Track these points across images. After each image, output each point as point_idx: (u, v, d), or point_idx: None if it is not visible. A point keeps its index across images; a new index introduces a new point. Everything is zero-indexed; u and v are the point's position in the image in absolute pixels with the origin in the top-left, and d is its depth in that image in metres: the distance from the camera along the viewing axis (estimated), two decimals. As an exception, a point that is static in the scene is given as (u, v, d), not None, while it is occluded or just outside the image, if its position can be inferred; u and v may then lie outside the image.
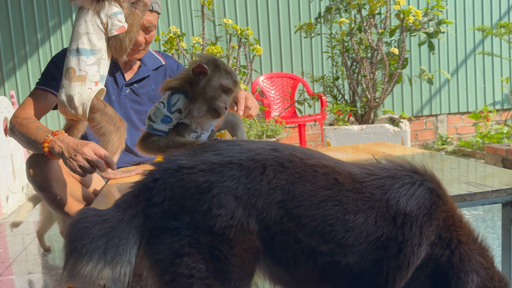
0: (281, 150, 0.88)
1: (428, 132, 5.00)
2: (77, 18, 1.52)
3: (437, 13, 2.93)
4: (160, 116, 1.24)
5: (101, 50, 1.52)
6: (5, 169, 2.95)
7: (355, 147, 2.05)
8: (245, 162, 0.84)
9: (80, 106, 1.49)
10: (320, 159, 0.90)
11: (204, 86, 1.19)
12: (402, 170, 0.94)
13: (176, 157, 0.86)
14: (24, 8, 4.08)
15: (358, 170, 0.92)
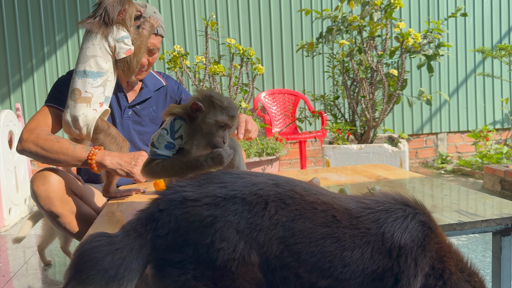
0: (282, 185, 0.92)
1: (429, 150, 5.03)
2: (85, 41, 1.57)
3: (436, 36, 2.99)
4: (163, 142, 1.27)
5: (107, 72, 1.57)
6: (9, 181, 3.00)
7: (353, 168, 2.09)
8: (248, 197, 0.87)
9: (84, 126, 1.54)
10: (319, 195, 0.94)
11: (201, 122, 1.22)
12: (395, 203, 0.97)
13: (182, 187, 0.89)
14: (32, 22, 4.17)
15: (354, 204, 0.95)
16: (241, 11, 4.52)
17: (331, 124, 3.25)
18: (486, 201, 1.39)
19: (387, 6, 2.94)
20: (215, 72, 2.85)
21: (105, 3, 1.56)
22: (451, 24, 4.88)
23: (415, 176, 1.83)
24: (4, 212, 2.90)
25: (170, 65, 2.95)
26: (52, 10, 4.18)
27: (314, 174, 1.97)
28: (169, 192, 0.90)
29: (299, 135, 4.19)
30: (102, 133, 1.58)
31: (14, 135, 3.18)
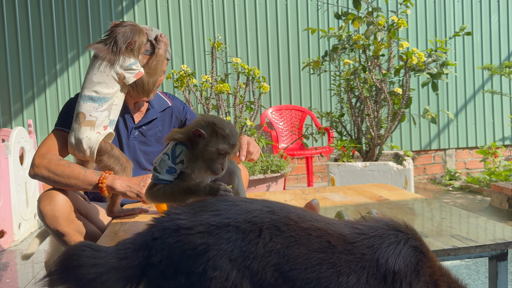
0: (277, 212, 0.93)
1: (437, 166, 5.01)
2: (92, 66, 1.62)
3: (440, 55, 3.01)
4: (165, 167, 1.30)
5: (113, 97, 1.62)
6: (19, 197, 3.06)
7: (355, 188, 2.10)
8: (242, 225, 0.88)
9: (88, 149, 1.59)
10: (313, 221, 0.95)
11: (202, 149, 1.25)
12: (388, 229, 0.98)
13: (177, 215, 0.91)
14: (45, 39, 4.28)
15: (348, 230, 0.97)
16: (249, 30, 4.59)
17: (336, 141, 3.28)
18: (486, 225, 1.40)
19: (391, 26, 2.97)
20: (221, 91, 2.90)
21: (116, 32, 1.61)
22: (459, 40, 4.90)
23: (416, 198, 1.84)
24: (14, 227, 2.96)
25: (177, 84, 3.01)
26: (65, 28, 4.30)
27: (315, 194, 1.99)
28: (164, 220, 0.92)
29: (306, 151, 4.21)
30: (106, 155, 1.62)
31: (25, 151, 3.26)
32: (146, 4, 4.41)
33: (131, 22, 1.68)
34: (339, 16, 3.14)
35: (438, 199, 3.90)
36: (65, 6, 4.29)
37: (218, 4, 4.53)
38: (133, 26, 1.65)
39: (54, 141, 1.70)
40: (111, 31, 1.63)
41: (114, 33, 1.61)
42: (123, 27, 1.62)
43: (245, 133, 3.10)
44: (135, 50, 1.65)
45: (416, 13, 4.83)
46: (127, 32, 1.62)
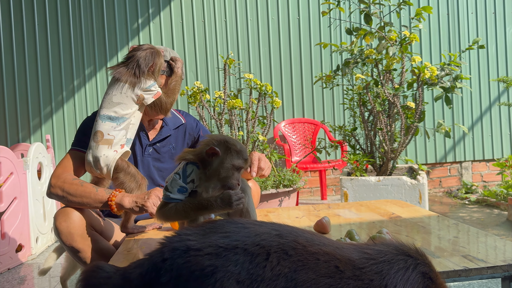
0: (285, 236, 0.93)
1: (453, 179, 4.95)
2: (112, 87, 1.67)
3: (453, 69, 2.99)
4: (176, 186, 1.33)
5: (130, 117, 1.66)
6: (37, 211, 3.13)
7: (367, 204, 2.10)
8: (250, 248, 0.89)
9: (105, 166, 1.63)
10: (322, 245, 0.95)
11: (218, 167, 1.28)
12: (397, 254, 0.97)
13: (187, 236, 0.92)
14: (63, 56, 4.40)
15: (357, 255, 0.96)
16: (262, 45, 4.64)
17: (349, 155, 3.27)
18: (497, 244, 1.38)
19: (402, 40, 2.98)
20: (234, 106, 2.94)
21: (137, 56, 1.66)
22: (473, 53, 4.86)
23: (428, 215, 1.82)
24: (31, 241, 3.02)
25: (191, 100, 3.06)
26: (82, 45, 4.41)
27: (327, 210, 1.99)
28: (175, 240, 0.93)
29: (319, 165, 4.21)
30: (122, 172, 1.66)
31: (43, 166, 3.34)
32: (161, 22, 4.50)
33: (149, 45, 1.74)
34: (350, 32, 3.16)
35: (454, 213, 3.84)
36: (83, 24, 4.40)
37: (231, 20, 4.60)
38: (152, 49, 1.70)
39: (70, 161, 1.75)
40: (132, 55, 1.69)
41: (135, 57, 1.66)
42: (143, 51, 1.68)
43: (257, 148, 3.12)
44: (155, 72, 1.70)
45: (430, 26, 4.82)
46: (148, 55, 1.67)
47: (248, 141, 3.08)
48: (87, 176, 1.77)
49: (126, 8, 4.46)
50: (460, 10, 4.87)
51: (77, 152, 1.77)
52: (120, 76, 1.65)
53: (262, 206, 2.96)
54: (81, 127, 1.83)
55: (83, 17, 4.40)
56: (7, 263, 2.75)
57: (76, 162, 1.75)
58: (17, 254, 2.87)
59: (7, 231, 2.76)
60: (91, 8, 4.41)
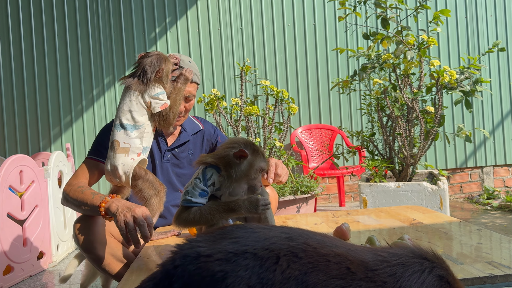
0: (295, 239, 0.93)
1: (474, 184, 4.85)
2: (123, 96, 1.70)
3: (473, 72, 2.94)
4: (198, 190, 1.34)
5: (144, 125, 1.68)
6: (57, 218, 3.18)
7: (387, 210, 2.07)
8: (260, 252, 0.88)
9: (123, 174, 1.64)
10: (333, 247, 0.93)
11: (246, 168, 1.29)
12: (413, 257, 0.95)
13: (197, 242, 0.93)
14: (83, 66, 4.48)
15: (371, 257, 0.94)
16: (278, 52, 4.65)
17: (368, 161, 3.24)
18: (523, 250, 1.35)
19: (420, 45, 2.95)
20: (250, 113, 2.94)
21: (143, 63, 1.68)
22: (493, 56, 4.78)
23: (450, 221, 1.79)
24: (52, 248, 3.06)
25: (208, 107, 3.08)
26: (101, 55, 4.48)
27: (347, 217, 1.97)
28: (186, 247, 0.93)
29: (336, 171, 4.18)
30: (140, 180, 1.67)
31: (64, 174, 3.39)
32: (178, 31, 4.55)
33: (156, 52, 1.76)
34: (367, 37, 3.14)
35: (476, 219, 3.76)
36: (101, 34, 4.48)
37: (247, 28, 4.62)
38: (158, 55, 1.72)
39: (83, 170, 1.79)
40: (138, 63, 1.71)
41: (142, 65, 1.69)
42: (149, 57, 1.70)
43: (274, 154, 3.11)
44: (163, 77, 1.71)
45: (448, 30, 4.76)
46: (154, 61, 1.69)
47: (265, 147, 3.07)
48: (107, 186, 1.78)
49: (144, 18, 4.52)
50: (479, 13, 4.80)
51: (91, 161, 1.81)
52: (130, 84, 1.68)
53: (280, 212, 2.95)
54: (98, 136, 1.87)
55: (101, 27, 4.48)
56: (29, 270, 2.79)
57: (89, 170, 1.78)
58: (39, 261, 2.91)
59: (29, 238, 2.80)
60: (109, 18, 4.49)
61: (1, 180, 2.57)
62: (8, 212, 2.64)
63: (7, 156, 4.38)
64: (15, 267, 2.66)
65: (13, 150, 4.43)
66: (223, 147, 1.36)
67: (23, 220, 2.80)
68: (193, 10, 4.58)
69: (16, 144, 4.43)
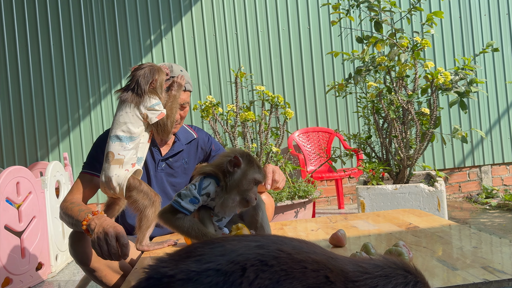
0: (267, 246, 0.87)
1: (472, 183, 4.85)
2: (119, 109, 1.71)
3: (467, 73, 2.95)
4: (189, 196, 1.34)
5: (139, 136, 1.68)
6: (55, 229, 3.17)
7: (384, 214, 2.07)
8: (224, 267, 0.83)
9: (117, 186, 1.65)
10: (311, 253, 0.88)
11: (239, 178, 1.29)
12: (396, 269, 0.91)
13: (162, 263, 0.89)
14: (79, 75, 4.48)
15: (352, 267, 0.90)
16: (273, 56, 4.66)
17: (365, 163, 3.24)
18: (519, 254, 1.35)
19: (414, 47, 2.95)
20: (246, 119, 2.94)
21: (137, 75, 1.69)
22: (488, 56, 4.79)
23: (446, 224, 1.79)
24: (51, 258, 3.05)
25: (204, 114, 3.08)
26: (97, 63, 4.49)
27: (343, 222, 1.97)
28: (151, 268, 0.89)
29: (334, 174, 4.18)
30: (135, 191, 1.67)
31: (61, 184, 3.39)
32: (174, 38, 4.56)
33: (149, 63, 1.77)
34: (360, 40, 3.15)
35: (474, 218, 3.76)
36: (97, 42, 4.49)
37: (242, 33, 4.63)
38: (151, 66, 1.73)
39: (78, 185, 1.79)
40: (132, 75, 1.72)
41: (135, 77, 1.70)
42: (142, 69, 1.71)
43: (271, 160, 3.11)
44: (157, 88, 1.72)
45: (442, 30, 4.77)
46: (147, 72, 1.70)
47: (262, 153, 3.07)
48: (100, 198, 1.79)
49: (139, 26, 4.53)
50: (473, 12, 4.81)
51: (86, 175, 1.81)
52: (125, 97, 1.69)
53: (277, 218, 2.95)
54: (92, 149, 1.88)
55: (96, 35, 4.49)
56: (28, 281, 2.78)
57: (84, 185, 1.79)
58: (37, 272, 2.90)
59: (27, 249, 2.80)
60: (104, 27, 4.50)
61: (-2, 192, 2.57)
62: (6, 224, 2.64)
63: (5, 166, 4.38)
64: (13, 279, 2.65)
65: (11, 160, 4.42)
66: (221, 156, 1.37)
67: (21, 232, 2.79)
68: (188, 16, 4.59)
69: (14, 154, 4.43)
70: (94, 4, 4.50)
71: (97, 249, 1.43)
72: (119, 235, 1.44)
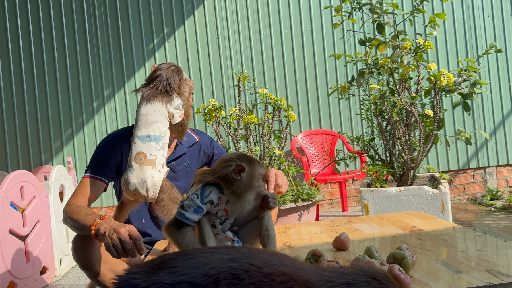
0: (238, 259, 0.88)
1: (477, 185, 4.83)
2: (145, 107, 1.69)
3: (471, 74, 2.94)
4: (193, 206, 1.34)
5: (165, 136, 1.69)
6: (59, 233, 3.18)
7: (388, 217, 2.06)
8: (198, 280, 0.83)
9: (152, 187, 1.62)
10: (279, 266, 0.90)
11: (248, 180, 1.31)
12: (362, 275, 0.90)
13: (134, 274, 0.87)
14: (82, 79, 4.50)
15: (316, 277, 0.91)
16: (276, 59, 4.66)
17: (368, 166, 3.23)
18: (523, 257, 1.34)
19: (417, 49, 2.95)
20: (249, 122, 2.94)
21: (164, 74, 1.69)
22: (492, 57, 4.77)
23: (451, 226, 1.78)
24: (55, 262, 3.06)
25: (206, 117, 3.08)
26: (100, 67, 4.51)
27: (347, 225, 1.96)
28: (122, 279, 0.87)
29: (338, 176, 4.17)
30: (166, 193, 1.65)
31: (65, 188, 3.40)
32: (176, 41, 4.58)
33: (170, 63, 1.78)
34: (363, 43, 3.15)
35: (479, 220, 3.74)
36: (100, 47, 4.51)
37: (244, 36, 4.64)
38: (174, 66, 1.74)
39: (82, 189, 1.78)
40: (158, 74, 1.71)
41: (162, 76, 1.69)
42: (168, 69, 1.71)
43: (273, 163, 3.11)
44: (181, 87, 1.74)
45: (445, 32, 4.76)
46: (175, 72, 1.71)
47: (265, 156, 3.07)
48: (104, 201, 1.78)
49: (142, 30, 4.55)
50: (476, 14, 4.80)
51: (90, 179, 1.80)
52: (151, 95, 1.67)
53: (281, 221, 2.94)
54: (95, 152, 1.85)
55: (100, 40, 4.51)
56: (32, 285, 2.79)
57: (88, 189, 1.77)
58: (42, 276, 2.91)
59: (32, 254, 2.80)
60: (107, 31, 4.52)
61: (2, 197, 2.58)
62: (10, 228, 2.65)
63: (10, 170, 4.40)
64: (18, 283, 2.66)
65: (15, 164, 4.44)
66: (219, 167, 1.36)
67: (25, 236, 2.80)
68: (191, 20, 4.61)
69: (18, 158, 4.45)
70: (97, 9, 4.52)
71: (112, 250, 1.43)
72: (131, 231, 1.44)
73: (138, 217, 1.97)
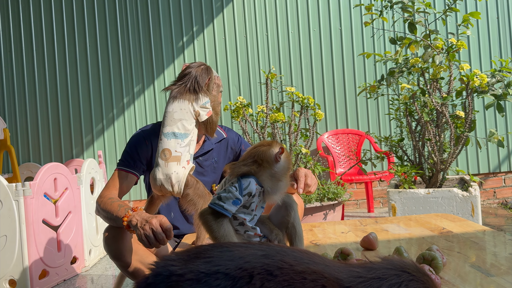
0: (272, 256, 0.90)
1: (508, 189, 4.70)
2: (172, 105, 1.73)
3: (504, 75, 2.86)
4: (232, 198, 1.34)
5: (191, 133, 1.72)
6: (89, 224, 3.27)
7: (416, 219, 2.04)
8: (232, 272, 0.85)
9: (176, 183, 1.66)
10: (311, 264, 0.91)
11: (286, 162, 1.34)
12: (391, 269, 0.91)
13: (171, 261, 0.90)
14: (113, 75, 4.61)
15: (346, 273, 0.92)
16: (303, 57, 4.65)
17: (396, 167, 3.19)
18: (558, 262, 1.30)
19: (449, 48, 2.89)
20: (276, 120, 2.95)
21: (193, 73, 1.73)
22: (527, 56, 4.62)
23: (481, 230, 1.74)
24: (85, 253, 3.15)
25: (234, 115, 3.11)
26: (131, 64, 4.60)
27: (374, 225, 1.95)
28: (160, 265, 0.90)
29: (364, 176, 4.13)
30: (192, 189, 1.69)
31: (96, 181, 3.49)
32: (205, 39, 4.62)
33: (201, 62, 1.81)
34: (394, 41, 3.11)
35: (510, 225, 3.64)
36: (131, 43, 4.60)
37: (272, 34, 4.65)
38: (204, 65, 1.77)
39: (114, 181, 1.83)
40: (188, 72, 1.75)
41: (191, 74, 1.73)
42: (198, 67, 1.75)
43: (300, 161, 3.11)
44: (210, 86, 1.77)
45: (478, 32, 4.64)
46: (204, 71, 1.74)
47: (291, 154, 3.08)
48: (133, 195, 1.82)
49: (172, 28, 4.62)
50: (511, 13, 4.66)
51: (122, 172, 1.84)
52: (179, 93, 1.71)
53: (306, 219, 2.94)
54: (127, 146, 1.90)
55: (131, 37, 4.60)
56: (63, 274, 2.88)
57: (120, 181, 1.82)
58: (72, 265, 3.00)
59: (63, 243, 2.90)
60: (138, 28, 4.61)
61: (36, 188, 2.67)
62: (44, 218, 2.74)
63: (42, 163, 4.55)
64: (50, 272, 2.75)
65: (48, 157, 4.59)
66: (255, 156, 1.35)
67: (57, 226, 2.90)
68: (219, 18, 4.65)
69: (51, 151, 4.59)
70: (129, 6, 4.62)
71: (144, 240, 1.47)
72: (162, 221, 1.49)
73: (167, 211, 2.01)
